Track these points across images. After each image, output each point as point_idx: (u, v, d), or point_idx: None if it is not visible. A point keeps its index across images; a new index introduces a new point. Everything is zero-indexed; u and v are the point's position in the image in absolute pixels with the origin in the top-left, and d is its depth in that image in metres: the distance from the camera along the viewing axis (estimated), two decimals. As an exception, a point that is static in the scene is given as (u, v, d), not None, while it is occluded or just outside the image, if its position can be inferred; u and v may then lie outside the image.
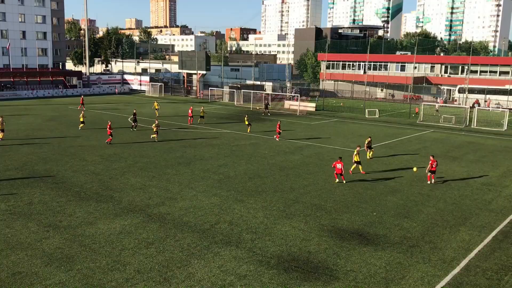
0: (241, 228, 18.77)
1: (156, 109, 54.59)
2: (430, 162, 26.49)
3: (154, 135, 37.74)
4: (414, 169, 28.13)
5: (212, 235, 17.97)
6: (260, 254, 16.35)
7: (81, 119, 43.37)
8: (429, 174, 26.62)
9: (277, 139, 39.24)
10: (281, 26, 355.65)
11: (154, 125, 38.10)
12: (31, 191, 23.21)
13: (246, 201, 22.31)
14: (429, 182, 26.54)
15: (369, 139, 33.37)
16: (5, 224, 18.58)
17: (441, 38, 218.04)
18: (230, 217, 20.05)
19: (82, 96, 64.27)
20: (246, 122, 44.57)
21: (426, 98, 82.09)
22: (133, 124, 43.18)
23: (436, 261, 16.21)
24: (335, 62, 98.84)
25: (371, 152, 32.91)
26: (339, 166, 25.74)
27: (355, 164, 28.20)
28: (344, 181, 26.01)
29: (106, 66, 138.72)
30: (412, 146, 38.35)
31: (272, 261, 15.80)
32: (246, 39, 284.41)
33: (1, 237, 17.31)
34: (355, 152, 28.25)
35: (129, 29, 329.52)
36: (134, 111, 45.57)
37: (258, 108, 61.98)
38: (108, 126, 36.50)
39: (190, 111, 49.27)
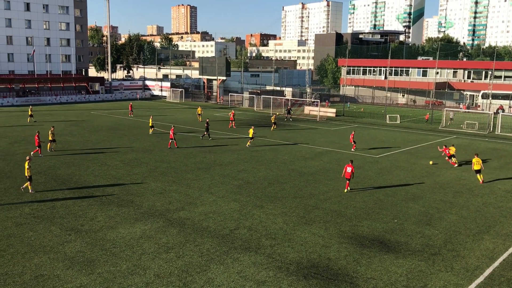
0: (261, 233, 18.73)
1: (199, 114, 56.10)
2: (443, 149, 31.65)
3: (249, 142, 38.61)
4: (430, 162, 32.05)
5: (232, 240, 17.97)
6: (279, 260, 16.28)
7: (150, 123, 44.46)
8: (447, 159, 31.76)
9: (353, 149, 37.68)
10: (301, 32, 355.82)
11: (251, 130, 38.91)
12: (54, 195, 23.59)
13: (266, 207, 22.27)
14: (456, 166, 31.51)
15: (453, 147, 32.95)
16: (29, 227, 18.91)
17: (464, 43, 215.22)
18: (249, 222, 20.03)
19: (131, 103, 64.79)
20: (273, 121, 48.79)
21: (448, 103, 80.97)
22: (205, 132, 42.09)
23: (459, 269, 15.90)
24: (356, 68, 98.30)
25: (455, 162, 32.55)
26: (348, 170, 24.89)
27: (477, 174, 28.13)
28: (348, 188, 25.18)
29: (128, 72, 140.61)
30: (434, 153, 37.76)
31: (291, 268, 15.71)
32: (266, 45, 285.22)
33: (25, 240, 17.62)
34: (475, 161, 28.08)
35: (151, 35, 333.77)
36: (208, 120, 44.40)
37: (277, 114, 61.88)
38: (172, 131, 37.53)
39: (232, 115, 51.43)
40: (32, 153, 32.75)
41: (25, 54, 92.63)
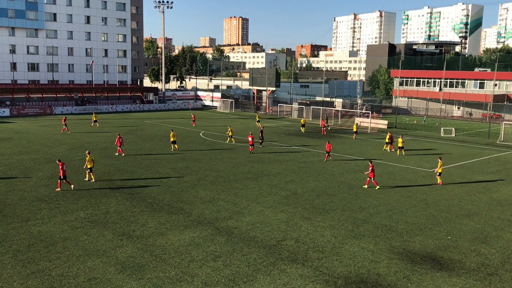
0: (308, 246, 18.54)
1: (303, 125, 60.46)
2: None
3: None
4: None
5: (279, 251, 17.90)
6: (327, 273, 16.05)
7: (230, 133, 45.61)
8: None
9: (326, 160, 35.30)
10: (353, 43, 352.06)
11: (400, 139, 41.32)
12: (108, 200, 24.40)
13: (313, 219, 22.05)
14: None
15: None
16: (83, 231, 19.63)
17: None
18: (296, 234, 19.89)
19: (193, 114, 67.33)
20: (355, 129, 52.42)
21: (507, 117, 77.46)
22: (260, 140, 43.71)
23: (517, 291, 15.08)
24: (409, 79, 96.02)
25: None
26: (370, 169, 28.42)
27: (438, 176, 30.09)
28: (372, 186, 28.46)
29: (181, 82, 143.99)
30: (491, 168, 36.22)
31: (339, 282, 15.44)
32: (317, 55, 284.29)
33: (79, 243, 18.30)
34: (439, 165, 29.69)
35: (203, 47, 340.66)
36: (262, 128, 46.82)
37: (326, 124, 61.31)
38: (251, 137, 39.84)
39: (321, 123, 57.59)
40: (116, 153, 37.80)
41: (84, 65, 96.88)
